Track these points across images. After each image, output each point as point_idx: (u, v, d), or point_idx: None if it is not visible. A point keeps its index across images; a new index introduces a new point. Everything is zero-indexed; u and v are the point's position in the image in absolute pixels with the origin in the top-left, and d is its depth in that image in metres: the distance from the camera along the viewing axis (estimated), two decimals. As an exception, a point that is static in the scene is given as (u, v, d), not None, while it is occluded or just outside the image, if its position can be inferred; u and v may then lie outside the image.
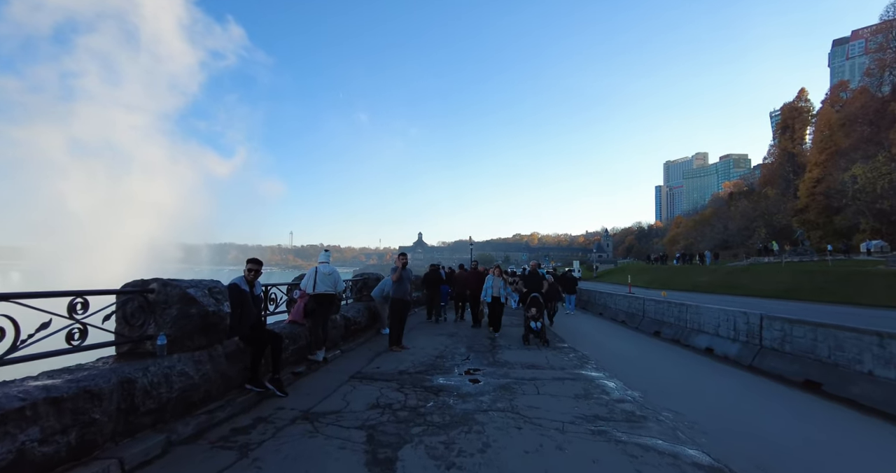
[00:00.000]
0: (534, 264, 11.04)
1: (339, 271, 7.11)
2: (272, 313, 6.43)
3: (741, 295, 26.06)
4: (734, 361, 7.88)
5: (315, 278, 6.63)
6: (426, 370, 6.72)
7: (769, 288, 26.39)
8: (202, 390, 3.93)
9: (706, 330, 9.37)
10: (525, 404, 5.03)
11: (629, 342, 10.76)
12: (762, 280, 29.04)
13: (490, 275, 10.77)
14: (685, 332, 10.22)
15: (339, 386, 5.64)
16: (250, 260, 5.11)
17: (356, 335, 8.96)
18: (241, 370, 4.73)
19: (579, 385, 6.00)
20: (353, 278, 11.10)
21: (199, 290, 4.07)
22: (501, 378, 6.33)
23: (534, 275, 10.33)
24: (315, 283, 6.60)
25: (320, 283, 6.61)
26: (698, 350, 9.19)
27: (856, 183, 40.19)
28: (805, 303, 20.42)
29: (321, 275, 6.66)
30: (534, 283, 10.01)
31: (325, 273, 6.70)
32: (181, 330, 3.85)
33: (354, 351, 7.96)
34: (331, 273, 6.75)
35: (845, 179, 41.71)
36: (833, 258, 31.03)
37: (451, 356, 7.87)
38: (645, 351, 9.47)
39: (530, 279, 10.24)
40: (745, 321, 7.98)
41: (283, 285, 6.89)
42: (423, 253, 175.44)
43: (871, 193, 38.37)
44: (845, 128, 55.03)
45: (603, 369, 7.10)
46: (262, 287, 6.16)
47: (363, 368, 6.69)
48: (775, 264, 34.73)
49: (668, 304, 11.62)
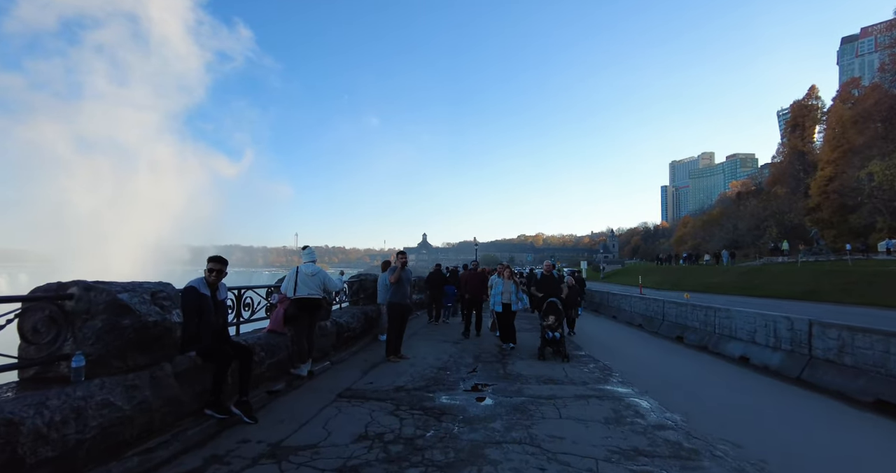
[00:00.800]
0: (548, 265, 9.38)
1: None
2: (248, 321, 5.56)
3: (757, 297, 24.98)
4: (776, 372, 6.93)
5: (296, 279, 5.77)
6: (427, 385, 5.83)
7: (787, 289, 25.29)
8: (137, 423, 3.07)
9: (739, 336, 8.43)
10: (546, 433, 4.13)
11: (651, 349, 9.83)
12: (779, 280, 27.94)
13: (496, 278, 9.22)
14: (713, 338, 9.27)
15: (322, 407, 4.76)
16: (212, 259, 4.24)
17: (350, 343, 8.09)
18: (199, 393, 3.87)
19: (607, 405, 5.08)
20: (349, 279, 10.23)
21: (137, 296, 3.20)
22: (514, 396, 5.43)
23: (550, 278, 8.93)
24: (296, 286, 5.74)
25: (302, 286, 5.73)
26: (731, 358, 8.25)
27: (872, 180, 38.94)
28: (829, 305, 19.34)
29: (303, 276, 5.79)
30: (551, 287, 8.65)
31: (308, 273, 5.82)
32: (108, 347, 2.99)
33: (347, 363, 7.08)
34: (315, 273, 5.86)
35: (862, 177, 40.47)
36: (852, 258, 29.84)
37: (455, 367, 6.98)
38: (671, 359, 8.54)
39: (547, 282, 8.83)
40: (789, 327, 7.04)
41: (261, 287, 6.02)
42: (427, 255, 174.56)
43: (889, 191, 37.14)
44: (858, 125, 53.69)
45: (630, 383, 6.18)
46: (234, 291, 5.31)
47: (354, 384, 5.81)
48: (790, 264, 33.58)
49: (691, 307, 10.67)
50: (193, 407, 3.79)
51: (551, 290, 8.51)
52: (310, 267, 5.91)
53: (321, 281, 5.90)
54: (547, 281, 8.88)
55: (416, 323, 12.59)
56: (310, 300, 5.75)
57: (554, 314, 7.89)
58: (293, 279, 5.78)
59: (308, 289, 5.73)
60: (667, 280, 41.61)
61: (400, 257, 7.68)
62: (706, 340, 9.50)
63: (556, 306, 7.99)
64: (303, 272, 5.81)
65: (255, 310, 5.66)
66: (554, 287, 8.67)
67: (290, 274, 5.89)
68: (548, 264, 9.42)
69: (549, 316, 7.89)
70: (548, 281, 8.85)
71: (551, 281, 8.85)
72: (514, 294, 8.63)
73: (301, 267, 5.90)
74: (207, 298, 4.07)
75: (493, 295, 8.73)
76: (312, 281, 5.78)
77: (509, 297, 8.60)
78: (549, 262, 9.46)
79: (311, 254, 6.15)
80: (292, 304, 5.70)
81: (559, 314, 7.93)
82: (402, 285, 7.53)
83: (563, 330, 7.94)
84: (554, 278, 8.98)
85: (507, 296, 8.60)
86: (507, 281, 8.74)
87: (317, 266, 6.00)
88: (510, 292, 8.63)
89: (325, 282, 5.96)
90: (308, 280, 5.76)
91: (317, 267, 5.95)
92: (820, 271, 27.90)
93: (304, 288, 5.73)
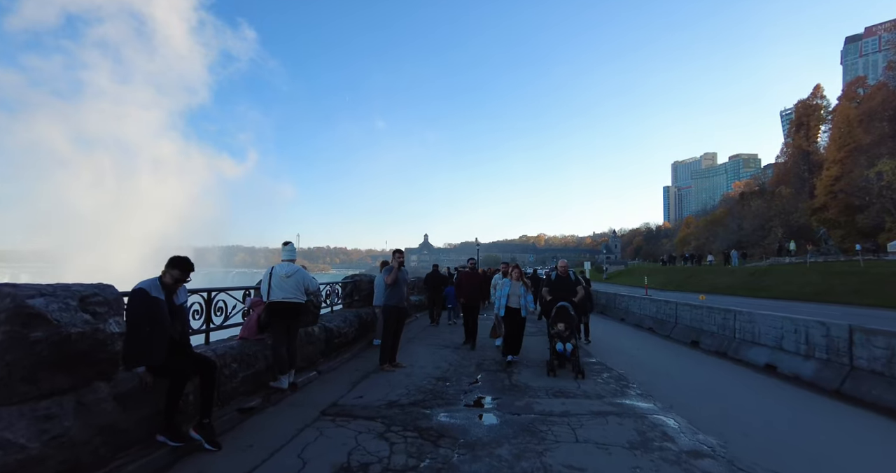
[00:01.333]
0: (563, 264, 7.99)
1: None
2: (220, 327, 4.91)
3: (766, 298, 24.33)
4: (810, 384, 6.27)
5: (270, 281, 5.13)
6: (424, 399, 5.18)
7: (798, 291, 24.62)
8: (52, 464, 2.43)
9: (763, 341, 7.76)
10: (562, 461, 3.48)
11: (665, 355, 9.16)
12: (788, 281, 27.24)
13: (501, 278, 8.35)
14: (733, 344, 8.60)
15: (301, 428, 4.12)
16: (175, 264, 3.55)
17: (342, 350, 7.45)
18: (147, 417, 3.23)
19: (629, 424, 4.43)
20: (343, 281, 9.60)
21: (57, 301, 2.57)
22: (523, 412, 4.78)
23: (565, 280, 7.74)
24: (269, 288, 5.09)
25: (277, 289, 5.09)
26: (754, 366, 7.59)
27: (882, 179, 38.20)
28: (843, 307, 18.66)
29: (278, 278, 5.14)
30: (563, 290, 7.51)
31: (283, 275, 5.16)
32: (12, 369, 2.35)
33: (336, 372, 6.44)
34: (291, 274, 5.21)
35: (870, 176, 39.72)
36: (863, 258, 29.12)
37: (456, 378, 6.33)
38: (689, 367, 7.87)
39: (560, 284, 7.65)
40: (824, 333, 6.37)
41: (236, 289, 5.36)
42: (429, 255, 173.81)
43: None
44: (865, 124, 53.00)
45: (650, 397, 5.53)
46: (203, 293, 4.67)
47: (342, 398, 5.16)
48: (798, 265, 32.83)
49: (707, 310, 10.00)
50: (140, 435, 3.15)
51: (564, 294, 7.42)
52: (286, 267, 5.26)
53: (299, 283, 5.24)
54: (561, 283, 7.72)
55: (415, 326, 11.95)
56: (285, 304, 5.09)
57: (564, 321, 6.77)
58: (267, 281, 5.14)
59: (283, 293, 5.09)
60: (671, 280, 40.90)
61: (397, 256, 7.04)
62: (725, 346, 8.84)
63: (567, 312, 6.87)
64: (277, 273, 5.16)
65: (230, 315, 5.00)
66: (568, 290, 7.56)
67: (264, 274, 5.25)
68: (563, 263, 8.07)
69: (557, 324, 6.77)
70: (562, 284, 7.69)
71: (566, 284, 7.70)
72: (522, 297, 7.49)
73: (276, 267, 5.25)
74: (161, 303, 3.43)
75: (499, 298, 7.62)
76: (288, 283, 5.13)
77: (518, 301, 7.44)
78: (565, 261, 8.14)
79: (290, 252, 5.49)
80: (266, 310, 5.07)
81: (570, 321, 6.83)
82: (398, 286, 6.89)
83: (576, 340, 6.77)
84: (570, 280, 7.79)
85: (514, 300, 7.44)
86: (514, 283, 7.59)
87: (295, 265, 5.35)
88: (518, 295, 7.49)
89: (306, 284, 5.31)
90: (283, 282, 5.12)
91: (294, 267, 5.29)
92: (830, 272, 27.19)
93: (280, 291, 5.08)
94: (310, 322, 6.31)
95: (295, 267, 5.29)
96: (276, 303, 5.06)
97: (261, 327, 5.06)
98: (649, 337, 11.58)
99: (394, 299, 6.85)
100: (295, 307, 5.18)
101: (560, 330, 6.71)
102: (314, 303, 6.29)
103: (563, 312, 6.87)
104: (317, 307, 6.48)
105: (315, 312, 6.47)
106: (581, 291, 7.76)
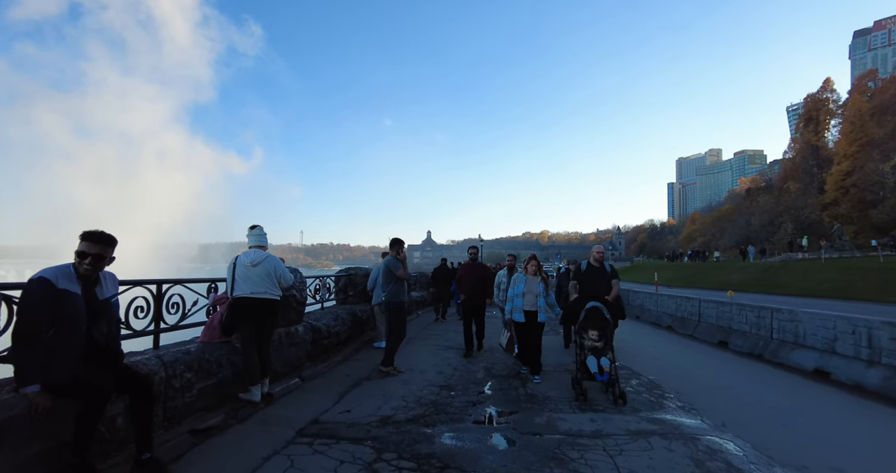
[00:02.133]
0: (599, 251, 6.25)
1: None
2: (176, 327, 4.03)
3: (782, 295, 23.33)
4: (877, 394, 5.37)
5: (233, 272, 4.22)
6: (424, 414, 4.31)
7: (815, 288, 23.60)
8: None
9: (810, 343, 6.86)
10: (608, 510, 2.60)
11: (694, 357, 8.27)
12: (805, 278, 26.20)
13: (511, 274, 7.04)
14: (770, 345, 7.70)
15: (269, 455, 3.24)
16: (87, 237, 2.68)
17: (332, 351, 6.58)
18: (37, 455, 2.35)
19: (680, 450, 3.53)
20: (336, 274, 8.73)
21: None
22: (545, 432, 3.90)
23: (596, 271, 6.07)
24: (233, 281, 4.21)
25: (242, 281, 4.18)
26: (799, 370, 6.69)
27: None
28: (868, 304, 17.64)
29: (242, 268, 4.22)
30: (596, 284, 5.85)
31: (248, 263, 4.23)
32: None
33: (323, 378, 5.56)
34: (258, 262, 4.25)
35: (886, 170, 38.57)
36: (882, 253, 28.05)
37: (462, 386, 5.44)
38: (726, 372, 6.97)
39: (590, 276, 6.01)
40: (892, 335, 5.47)
41: (197, 282, 4.43)
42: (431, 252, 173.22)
43: (916, 184, 35.29)
44: (877, 117, 51.79)
45: (694, 410, 4.65)
46: (152, 285, 3.78)
47: (325, 412, 4.29)
48: (813, 260, 31.76)
49: (737, 307, 9.10)
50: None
51: (596, 289, 5.73)
52: (252, 254, 4.30)
53: (270, 273, 4.27)
54: (594, 274, 6.03)
55: (416, 324, 11.08)
56: (253, 301, 4.17)
57: (597, 327, 5.04)
58: (231, 273, 4.23)
59: (251, 286, 4.16)
60: (679, 277, 39.81)
61: (395, 247, 6.11)
62: (760, 347, 7.93)
63: (601, 315, 5.09)
64: (242, 262, 4.23)
65: (188, 313, 4.12)
66: (603, 285, 5.89)
67: (228, 267, 4.32)
68: (599, 250, 6.26)
69: (588, 331, 5.04)
70: (595, 276, 6.01)
71: (600, 276, 6.01)
72: (541, 297, 5.88)
73: (241, 256, 4.32)
74: (74, 297, 2.55)
75: (512, 299, 5.95)
76: (255, 274, 4.19)
77: (535, 302, 5.83)
78: (601, 247, 6.34)
79: (258, 237, 4.47)
80: (228, 308, 4.19)
81: (605, 327, 5.06)
82: (399, 282, 6.04)
83: (613, 353, 5.03)
84: (605, 271, 6.07)
85: (531, 301, 5.83)
86: (531, 279, 5.90)
87: (264, 252, 4.40)
88: (537, 294, 5.85)
89: (278, 275, 4.36)
90: (249, 272, 4.19)
91: (263, 254, 4.33)
92: (848, 268, 26.13)
93: (246, 283, 4.16)
94: (293, 320, 5.44)
95: (263, 254, 4.36)
96: (241, 299, 4.16)
97: (224, 329, 4.18)
98: (670, 337, 10.69)
99: (397, 294, 5.96)
100: (265, 304, 4.25)
101: (592, 339, 5.00)
102: (297, 299, 5.41)
103: (595, 315, 5.13)
104: (301, 303, 5.60)
105: (299, 309, 5.60)
106: (616, 286, 6.03)
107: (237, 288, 4.16)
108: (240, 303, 4.15)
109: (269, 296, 4.26)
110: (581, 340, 5.11)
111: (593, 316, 5.12)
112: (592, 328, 5.06)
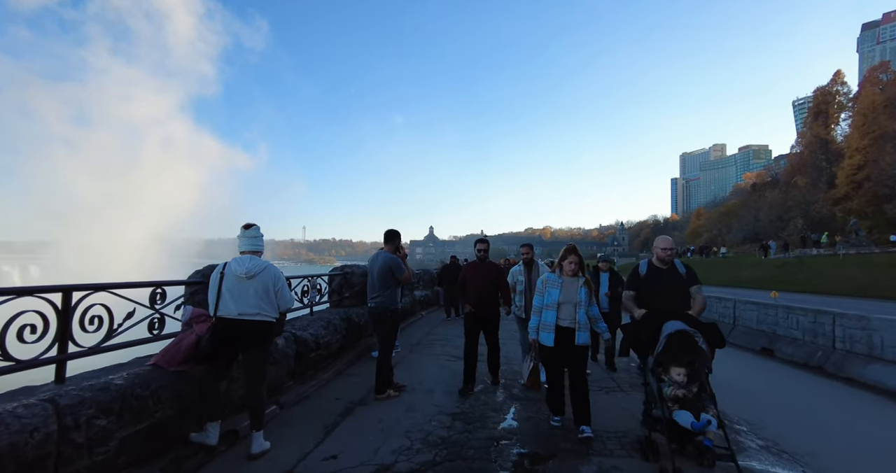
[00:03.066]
0: (667, 248, 3.84)
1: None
2: (96, 350, 2.94)
3: (798, 292, 22.25)
4: None
5: (220, 284, 3.18)
6: (433, 460, 3.24)
7: (837, 286, 22.48)
8: None
9: (890, 357, 5.78)
10: None
11: (737, 366, 7.19)
12: (823, 274, 25.09)
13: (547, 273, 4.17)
14: (833, 356, 6.62)
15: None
16: None
17: (322, 365, 5.52)
18: None
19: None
20: (330, 273, 7.66)
21: None
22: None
23: (664, 275, 3.82)
24: (219, 295, 3.16)
25: (230, 297, 3.14)
26: (880, 389, 5.63)
27: (915, 167, 35.82)
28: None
29: (232, 279, 3.18)
30: (670, 296, 3.69)
31: (243, 274, 3.18)
32: None
33: (307, 403, 4.49)
34: (255, 273, 3.20)
35: (903, 163, 37.32)
36: (904, 249, 26.94)
37: (480, 413, 4.36)
38: (789, 388, 5.91)
39: (655, 284, 3.80)
40: None
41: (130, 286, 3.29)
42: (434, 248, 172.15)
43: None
44: (890, 110, 50.42)
45: (779, 448, 3.63)
46: (57, 292, 2.70)
47: (302, 460, 3.21)
48: (830, 257, 30.63)
49: (784, 310, 8.02)
50: None
51: (669, 301, 3.65)
52: (247, 262, 3.23)
53: (268, 287, 3.24)
54: (662, 280, 3.80)
55: (420, 327, 10.02)
56: (240, 323, 3.13)
57: (684, 363, 3.22)
58: (216, 284, 3.18)
59: (240, 305, 3.13)
60: (689, 274, 38.72)
61: (394, 242, 5.05)
62: (818, 358, 6.86)
63: (693, 342, 3.21)
64: (232, 271, 3.18)
65: (117, 330, 3.02)
66: (675, 296, 3.70)
67: (213, 275, 3.27)
68: (667, 245, 3.87)
69: (671, 369, 3.24)
70: (663, 281, 3.79)
71: (671, 282, 3.78)
72: (583, 309, 3.83)
73: (231, 262, 3.25)
74: None
75: (540, 310, 3.97)
76: (248, 289, 3.17)
77: (572, 317, 3.84)
78: (668, 238, 3.92)
79: (253, 241, 3.37)
80: (209, 331, 3.12)
81: (697, 361, 3.22)
82: (398, 285, 4.99)
83: (716, 408, 3.10)
84: (678, 274, 3.80)
85: (569, 313, 3.85)
86: (570, 281, 3.92)
87: (261, 260, 3.34)
88: (577, 303, 3.84)
89: (278, 293, 3.32)
90: (242, 285, 3.16)
91: (261, 262, 3.29)
92: (869, 264, 25.04)
93: (234, 301, 3.13)
94: (277, 337, 4.37)
95: (262, 262, 3.30)
96: (225, 321, 3.12)
97: (199, 356, 3.10)
98: (702, 342, 9.62)
99: (388, 301, 4.87)
100: (256, 327, 3.21)
101: (680, 384, 3.18)
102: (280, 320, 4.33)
103: (680, 342, 3.22)
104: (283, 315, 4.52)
105: (279, 318, 4.52)
106: (701, 297, 3.73)
107: (222, 305, 3.12)
108: (224, 325, 3.11)
109: (261, 318, 3.21)
110: (658, 383, 3.26)
111: (678, 343, 3.21)
112: (676, 363, 3.22)
